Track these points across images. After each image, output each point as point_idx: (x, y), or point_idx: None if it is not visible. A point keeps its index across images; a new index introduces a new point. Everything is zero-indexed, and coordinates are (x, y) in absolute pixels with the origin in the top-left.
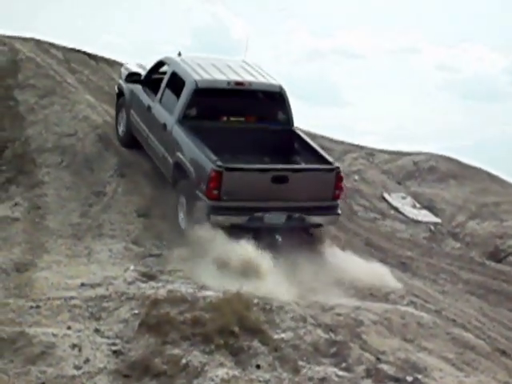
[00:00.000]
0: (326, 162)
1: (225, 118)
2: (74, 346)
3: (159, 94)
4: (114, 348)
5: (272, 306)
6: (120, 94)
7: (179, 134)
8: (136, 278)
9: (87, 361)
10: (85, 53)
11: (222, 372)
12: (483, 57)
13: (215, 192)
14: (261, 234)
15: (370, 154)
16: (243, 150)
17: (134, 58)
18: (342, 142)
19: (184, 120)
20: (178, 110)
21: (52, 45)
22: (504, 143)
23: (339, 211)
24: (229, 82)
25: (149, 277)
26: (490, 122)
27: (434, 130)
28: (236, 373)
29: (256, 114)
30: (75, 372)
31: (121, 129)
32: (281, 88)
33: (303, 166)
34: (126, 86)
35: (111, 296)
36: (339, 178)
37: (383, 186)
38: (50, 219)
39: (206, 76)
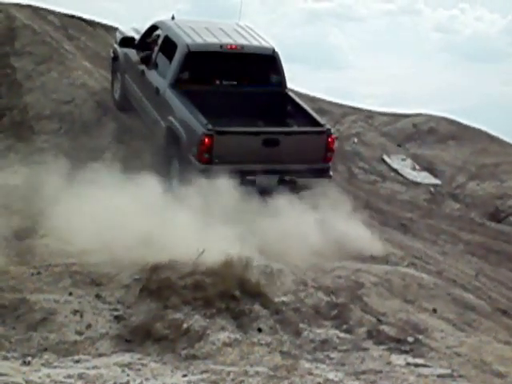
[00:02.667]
0: (318, 124)
1: (217, 82)
2: (75, 311)
3: (153, 58)
4: (115, 313)
5: (272, 269)
6: (115, 58)
7: (171, 97)
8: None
9: (89, 326)
10: (82, 19)
11: (223, 336)
12: (482, 17)
13: (206, 155)
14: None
15: (369, 116)
16: (236, 113)
17: (129, 24)
18: (340, 105)
19: (176, 84)
20: (170, 73)
21: (49, 11)
22: (503, 104)
23: (331, 173)
24: (221, 46)
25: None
26: (489, 83)
27: (433, 91)
28: (237, 336)
29: (249, 77)
30: (77, 337)
31: (116, 92)
32: (273, 51)
33: (294, 128)
34: (120, 51)
35: (112, 262)
36: (331, 140)
37: (383, 149)
38: (49, 186)
39: (198, 39)
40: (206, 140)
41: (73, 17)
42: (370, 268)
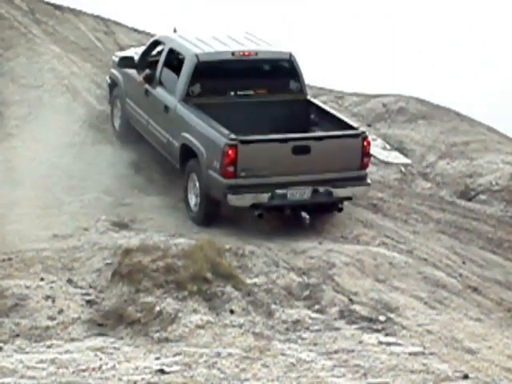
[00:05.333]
0: (350, 127)
1: (232, 93)
2: (47, 297)
3: (157, 76)
4: (87, 298)
5: (244, 251)
6: (113, 84)
7: (184, 113)
8: (108, 227)
9: (61, 311)
10: (50, 3)
11: (195, 318)
12: None
13: (230, 169)
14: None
15: (339, 97)
16: (255, 125)
17: (98, 7)
18: (310, 86)
19: (187, 98)
20: (179, 88)
21: None
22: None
23: (369, 181)
24: (233, 53)
25: (121, 226)
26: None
27: (402, 70)
28: (210, 318)
29: (265, 85)
30: (49, 323)
31: (117, 122)
32: (291, 55)
33: (325, 133)
34: (119, 74)
35: (83, 246)
36: (366, 144)
37: None
38: (20, 172)
39: (207, 48)
40: (230, 151)
41: (41, 1)
42: (341, 248)
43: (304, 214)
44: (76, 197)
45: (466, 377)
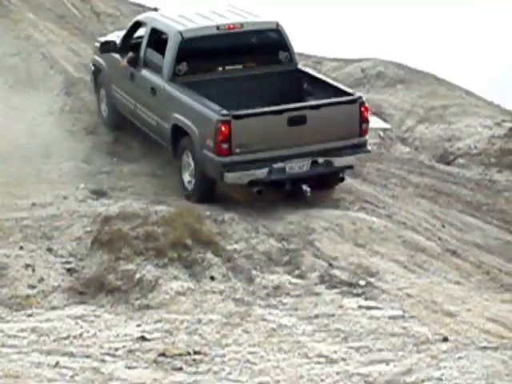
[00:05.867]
0: (346, 93)
1: (220, 68)
2: (27, 266)
3: (141, 57)
4: (67, 266)
5: (224, 217)
6: (96, 71)
7: (172, 93)
8: (87, 195)
9: (41, 280)
10: None
11: (176, 285)
12: None
13: (225, 146)
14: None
15: (318, 62)
16: (247, 100)
17: None
18: None
19: (175, 78)
20: (166, 68)
21: None
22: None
23: (369, 148)
24: (218, 27)
25: (100, 194)
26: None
27: (380, 34)
28: (190, 285)
29: (254, 58)
30: (29, 291)
31: (105, 111)
32: (277, 24)
33: (321, 101)
34: (102, 61)
35: (63, 215)
36: (364, 110)
37: None
38: None
39: (190, 25)
40: (223, 127)
41: None
42: (321, 213)
43: (305, 187)
44: (54, 165)
45: (445, 339)
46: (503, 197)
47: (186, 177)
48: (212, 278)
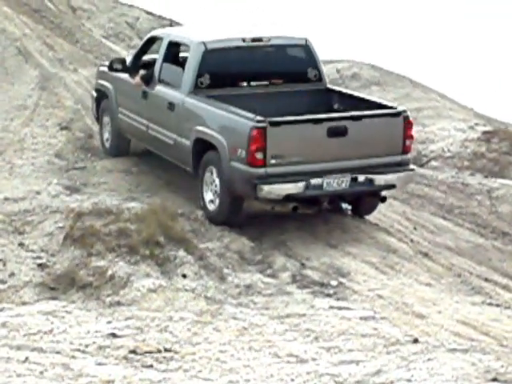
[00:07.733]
0: (387, 107)
1: (244, 84)
2: None
3: (155, 74)
4: (39, 261)
5: (197, 215)
6: (100, 96)
7: (194, 105)
8: (60, 191)
9: (12, 275)
10: None
11: (148, 282)
12: None
13: (259, 156)
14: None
15: None
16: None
17: None
18: None
19: (196, 91)
20: (186, 80)
21: None
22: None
23: (412, 166)
24: (244, 39)
25: (73, 190)
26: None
27: (356, 36)
28: (162, 282)
29: (281, 74)
30: (0, 286)
31: (108, 140)
32: (307, 40)
33: (363, 112)
34: (107, 83)
35: (35, 210)
36: (409, 124)
37: None
38: None
39: (213, 36)
40: (258, 135)
41: None
42: (293, 213)
43: (345, 205)
44: (27, 160)
45: (415, 341)
46: (475, 200)
47: (208, 195)
48: (184, 276)
